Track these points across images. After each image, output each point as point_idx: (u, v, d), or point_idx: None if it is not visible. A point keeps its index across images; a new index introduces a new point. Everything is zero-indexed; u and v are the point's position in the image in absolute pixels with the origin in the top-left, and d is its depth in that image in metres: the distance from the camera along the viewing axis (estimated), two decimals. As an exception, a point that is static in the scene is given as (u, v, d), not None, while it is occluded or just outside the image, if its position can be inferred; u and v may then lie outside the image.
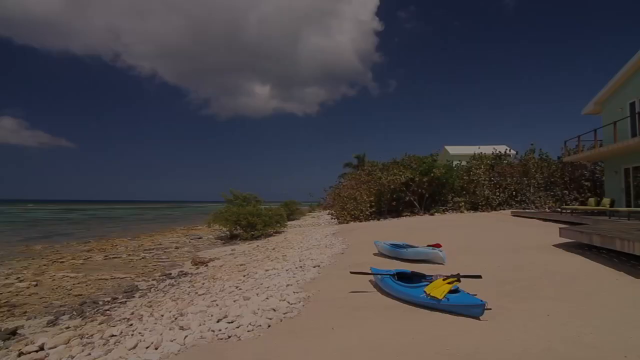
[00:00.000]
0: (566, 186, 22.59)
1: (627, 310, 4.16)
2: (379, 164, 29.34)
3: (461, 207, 23.41)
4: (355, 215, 23.36)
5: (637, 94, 15.42)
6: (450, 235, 11.58)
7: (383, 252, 8.83)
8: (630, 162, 15.68)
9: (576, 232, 7.94)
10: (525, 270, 6.32)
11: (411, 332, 3.77)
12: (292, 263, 8.94)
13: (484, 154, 27.29)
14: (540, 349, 3.19)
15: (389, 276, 5.44)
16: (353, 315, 4.50)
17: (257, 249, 14.13)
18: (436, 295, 4.34)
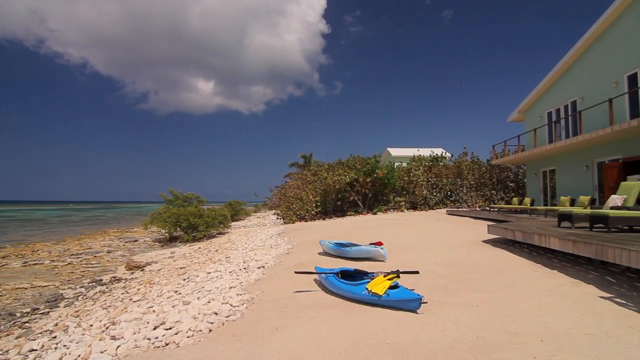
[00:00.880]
0: (494, 187, 24.61)
1: (544, 298, 4.63)
2: (324, 164, 29.69)
3: (402, 206, 24.51)
4: (301, 215, 23.44)
5: (553, 104, 17.23)
6: (391, 233, 12.05)
7: (328, 251, 8.95)
8: (547, 166, 17.47)
9: (501, 229, 8.67)
10: (458, 265, 6.77)
11: (354, 328, 3.85)
12: (235, 265, 8.72)
13: (422, 156, 28.87)
14: (470, 338, 3.42)
15: (333, 275, 5.53)
16: (297, 315, 4.50)
17: (199, 251, 13.61)
18: (377, 292, 4.49)
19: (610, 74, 13.22)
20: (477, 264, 6.72)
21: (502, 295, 4.82)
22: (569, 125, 15.87)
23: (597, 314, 3.99)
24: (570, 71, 15.82)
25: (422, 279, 5.75)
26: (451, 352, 3.15)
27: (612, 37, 13.30)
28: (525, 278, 5.65)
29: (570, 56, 15.41)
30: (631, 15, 12.34)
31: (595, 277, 5.50)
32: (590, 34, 14.09)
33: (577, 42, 14.83)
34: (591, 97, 14.16)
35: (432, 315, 4.13)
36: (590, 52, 14.50)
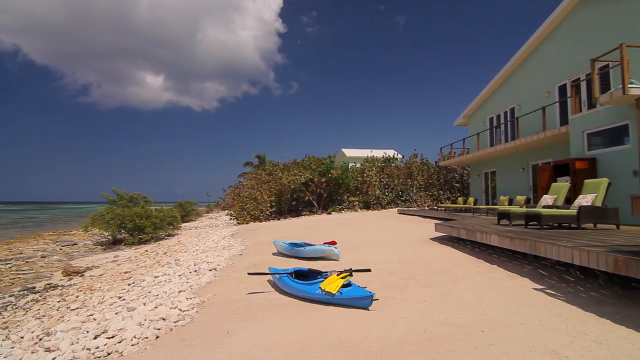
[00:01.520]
0: (441, 187, 25.88)
1: (485, 291, 4.94)
2: (280, 164, 29.51)
3: (355, 206, 25.01)
4: (256, 215, 23.11)
5: (494, 111, 18.46)
6: (345, 232, 12.25)
7: (282, 251, 8.90)
8: (489, 168, 18.68)
9: (448, 227, 9.14)
10: (408, 262, 7.03)
11: (307, 327, 3.86)
12: (185, 267, 8.40)
13: (375, 157, 29.67)
14: (418, 332, 3.57)
15: (287, 275, 5.51)
16: (250, 317, 4.42)
17: (146, 255, 12.94)
18: (330, 290, 4.54)
19: (544, 84, 14.44)
20: (425, 261, 7.02)
21: (447, 290, 5.07)
22: (508, 130, 17.10)
23: (530, 304, 4.32)
24: (509, 80, 17.06)
25: (374, 276, 5.89)
26: (400, 346, 3.26)
27: (545, 51, 14.54)
28: (469, 273, 6.00)
29: (509, 66, 16.61)
30: (561, 32, 13.56)
31: (529, 270, 5.96)
32: (526, 47, 15.30)
33: (515, 54, 16.03)
34: (527, 105, 15.38)
35: (383, 311, 4.25)
36: (527, 64, 15.74)
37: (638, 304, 4.17)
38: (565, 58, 13.26)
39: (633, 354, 2.95)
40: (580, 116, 10.64)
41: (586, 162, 9.98)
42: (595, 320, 3.74)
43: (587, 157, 10.12)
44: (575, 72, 12.64)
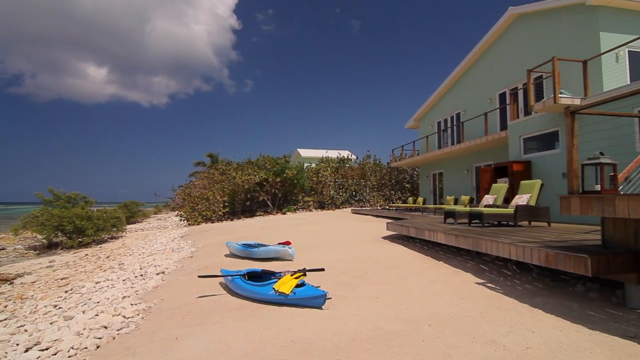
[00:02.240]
0: (393, 187, 26.75)
1: (432, 287, 5.17)
2: (233, 163, 28.88)
3: (310, 206, 25.11)
4: (207, 216, 22.43)
5: (442, 115, 19.40)
6: (299, 232, 12.25)
7: (235, 252, 8.71)
8: (437, 169, 19.59)
9: (398, 226, 9.46)
10: (361, 260, 7.18)
11: (260, 329, 3.81)
12: (130, 272, 7.95)
13: (330, 158, 29.99)
14: (369, 329, 3.65)
15: (239, 276, 5.40)
16: (200, 321, 4.28)
17: (86, 259, 12.08)
18: (284, 291, 4.51)
19: (486, 91, 15.43)
20: (377, 259, 7.21)
21: (397, 287, 5.25)
22: (454, 133, 18.06)
23: (473, 298, 4.60)
24: (456, 87, 18.03)
25: (328, 275, 5.95)
26: (352, 343, 3.32)
27: (487, 60, 15.55)
28: (417, 270, 6.25)
29: (455, 74, 17.56)
30: (501, 44, 14.58)
31: (472, 265, 6.34)
32: (470, 57, 16.26)
33: (460, 63, 16.98)
34: (471, 110, 16.34)
35: (336, 310, 4.30)
36: (471, 72, 16.74)
37: (565, 295, 4.59)
38: (505, 68, 14.27)
39: (561, 340, 3.23)
40: (518, 122, 11.49)
41: (522, 165, 10.80)
42: (529, 310, 4.06)
43: (523, 160, 10.95)
44: (513, 81, 13.64)
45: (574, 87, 9.85)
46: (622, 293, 4.26)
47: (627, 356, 2.87)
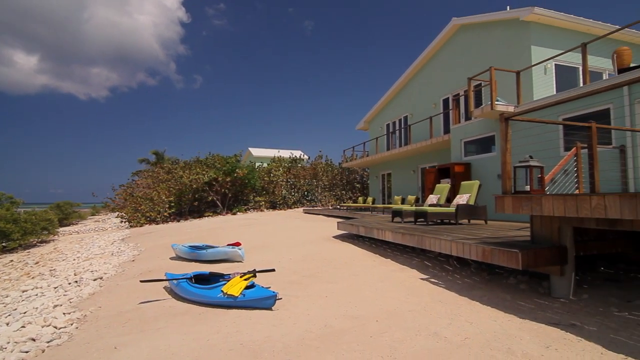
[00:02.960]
0: (344, 187, 27.21)
1: (379, 284, 5.33)
2: (180, 162, 27.71)
3: (262, 206, 24.79)
4: (152, 217, 21.33)
5: (391, 117, 20.07)
6: (250, 233, 12.05)
7: (181, 255, 8.36)
8: (385, 170, 20.23)
9: (348, 225, 9.64)
10: (311, 260, 7.22)
11: (207, 334, 3.68)
12: (64, 278, 7.34)
13: (282, 158, 29.86)
14: (319, 327, 3.68)
15: (185, 280, 5.18)
16: (142, 328, 4.04)
17: (11, 265, 10.94)
18: (233, 293, 4.41)
19: (431, 96, 16.22)
20: (328, 258, 7.29)
21: (347, 285, 5.35)
22: (402, 136, 18.78)
23: (417, 293, 4.81)
24: (404, 90, 18.75)
25: (278, 275, 5.91)
26: (302, 342, 3.33)
27: (432, 67, 16.35)
28: (366, 267, 6.41)
29: (403, 78, 18.26)
30: (445, 52, 15.41)
31: (417, 262, 6.63)
32: (417, 63, 17.00)
33: (408, 68, 17.69)
34: (418, 114, 17.10)
35: (286, 310, 4.28)
36: (418, 77, 17.50)
37: (500, 287, 4.95)
38: (448, 75, 15.11)
39: (495, 329, 3.48)
40: (459, 126, 12.22)
41: (463, 167, 11.50)
42: (467, 303, 4.32)
43: (464, 162, 11.66)
44: (456, 88, 14.48)
45: (509, 95, 10.67)
46: (547, 284, 4.68)
47: (551, 341, 3.16)
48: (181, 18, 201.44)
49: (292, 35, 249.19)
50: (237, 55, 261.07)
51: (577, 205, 3.68)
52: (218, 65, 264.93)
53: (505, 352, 2.99)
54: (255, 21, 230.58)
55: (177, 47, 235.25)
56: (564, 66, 10.99)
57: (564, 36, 11.09)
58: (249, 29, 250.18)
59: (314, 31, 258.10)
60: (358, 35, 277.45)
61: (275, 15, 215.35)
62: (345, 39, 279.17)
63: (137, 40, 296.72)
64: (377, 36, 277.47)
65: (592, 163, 5.28)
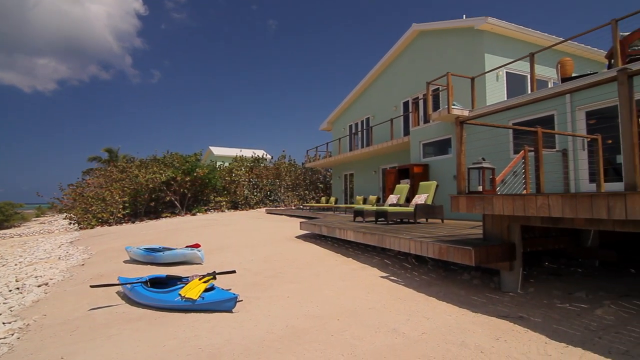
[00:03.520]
0: (307, 187, 27.27)
1: (341, 283, 5.39)
2: (136, 160, 26.50)
3: (223, 206, 24.27)
4: (104, 218, 20.24)
5: (353, 119, 20.36)
6: (210, 234, 11.75)
7: (136, 258, 7.99)
8: (348, 170, 20.50)
9: (311, 225, 9.67)
10: (274, 260, 7.16)
11: (163, 339, 3.54)
12: (3, 285, 6.77)
13: (245, 157, 29.39)
14: (280, 328, 3.66)
15: (140, 284, 4.96)
16: (92, 336, 3.82)
17: (-60, 272, 9.91)
18: (191, 296, 4.28)
19: (392, 99, 16.65)
20: (290, 258, 7.27)
21: (309, 285, 5.36)
22: (364, 137, 19.12)
23: (377, 291, 4.91)
24: (366, 92, 19.11)
25: (239, 277, 5.81)
26: (263, 344, 3.29)
27: (393, 70, 16.79)
28: (328, 267, 6.46)
29: (366, 80, 18.60)
30: (405, 56, 15.88)
31: (377, 261, 6.77)
32: (379, 66, 17.39)
33: (371, 70, 18.05)
34: (380, 116, 17.49)
35: (246, 312, 4.21)
36: (380, 80, 17.90)
37: (455, 283, 5.17)
38: (408, 79, 15.58)
39: (450, 323, 3.63)
40: (418, 129, 12.63)
41: (421, 167, 11.90)
42: (425, 299, 4.48)
43: (422, 163, 12.08)
44: (415, 92, 14.96)
45: (464, 100, 11.18)
46: (498, 279, 4.95)
47: (501, 333, 3.35)
48: (138, 10, 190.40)
49: (255, 33, 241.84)
50: (198, 51, 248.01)
51: (524, 204, 3.92)
52: (178, 60, 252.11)
53: (459, 345, 3.12)
54: (217, 17, 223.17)
55: (133, 40, 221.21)
56: (514, 74, 11.69)
57: (515, 46, 11.80)
58: (211, 24, 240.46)
59: (278, 30, 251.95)
60: (324, 34, 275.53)
61: (239, 12, 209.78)
62: (310, 37, 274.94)
63: (89, 31, 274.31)
64: (341, 38, 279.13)
65: (538, 165, 5.65)
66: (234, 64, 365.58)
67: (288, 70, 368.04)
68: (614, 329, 3.37)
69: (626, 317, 3.64)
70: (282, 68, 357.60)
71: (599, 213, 3.23)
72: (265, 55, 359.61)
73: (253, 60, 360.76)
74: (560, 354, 2.89)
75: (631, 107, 3.12)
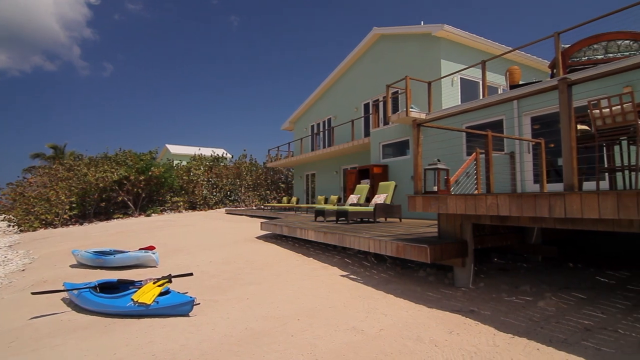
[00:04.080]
0: (269, 187, 27.01)
1: (302, 283, 5.39)
2: (84, 157, 24.96)
3: (180, 206, 23.45)
4: (48, 220, 18.89)
5: (315, 119, 20.45)
6: (166, 235, 11.32)
7: (85, 262, 7.51)
8: (310, 170, 20.55)
9: (272, 225, 9.59)
10: (233, 261, 7.02)
11: (114, 347, 3.36)
12: None
13: (204, 156, 28.58)
14: (239, 330, 3.59)
15: (88, 289, 4.67)
16: (34, 347, 3.54)
17: None
18: (145, 301, 4.09)
19: (353, 100, 16.91)
20: (250, 259, 7.17)
21: (269, 286, 5.31)
22: (326, 137, 19.26)
23: (338, 290, 4.96)
24: (328, 93, 19.26)
25: (197, 280, 5.65)
26: (221, 348, 3.21)
27: (355, 72, 17.06)
28: (289, 267, 6.44)
29: (328, 81, 18.75)
30: (366, 59, 16.19)
31: (338, 260, 6.85)
32: (341, 67, 17.60)
33: (333, 71, 18.21)
34: (341, 117, 17.69)
35: (204, 315, 4.10)
36: (341, 81, 18.11)
37: (412, 280, 5.35)
38: (369, 81, 15.90)
39: (407, 319, 3.75)
40: (378, 130, 12.92)
41: (381, 168, 12.18)
42: (383, 296, 4.59)
43: (382, 164, 12.37)
44: (376, 94, 15.29)
45: (422, 103, 11.59)
46: (451, 275, 5.18)
47: (454, 326, 3.50)
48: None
49: (216, 29, 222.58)
50: (154, 44, 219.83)
51: (475, 204, 4.13)
52: (132, 53, 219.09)
53: (415, 339, 3.23)
54: (175, 10, 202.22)
55: (82, 30, 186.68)
56: (468, 80, 12.29)
57: (469, 53, 12.41)
58: (168, 17, 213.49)
59: (240, 27, 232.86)
60: (286, 33, 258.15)
61: (199, 7, 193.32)
62: (272, 36, 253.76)
63: (31, 17, 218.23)
64: (304, 36, 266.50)
65: (488, 167, 5.98)
66: (193, 59, 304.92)
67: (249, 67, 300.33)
68: (554, 319, 3.63)
69: (565, 308, 3.94)
70: (245, 65, 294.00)
71: (541, 211, 3.47)
72: (226, 52, 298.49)
73: (214, 56, 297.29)
74: (507, 344, 3.07)
75: (570, 114, 3.38)
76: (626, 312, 3.76)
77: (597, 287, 4.74)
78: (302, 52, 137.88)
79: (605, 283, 4.94)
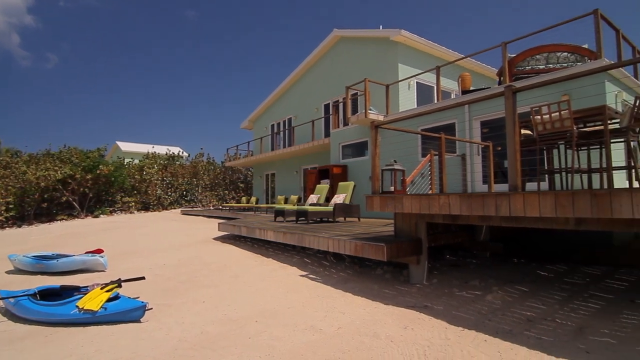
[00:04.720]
0: (227, 187, 26.45)
1: (260, 284, 5.33)
2: (23, 155, 23.07)
3: (131, 207, 22.34)
4: (-20, 222, 17.19)
5: (276, 118, 20.30)
6: (116, 238, 10.73)
7: (23, 267, 6.93)
8: (270, 170, 20.37)
9: (230, 226, 9.40)
10: (188, 264, 6.80)
11: (56, 358, 3.13)
12: None
13: (158, 154, 27.41)
14: (195, 335, 3.48)
15: (27, 297, 4.31)
16: (-41, 362, 3.21)
17: None
18: (91, 308, 3.85)
19: (314, 101, 16.98)
20: (207, 261, 6.97)
21: (227, 288, 5.19)
22: (286, 137, 19.18)
23: (297, 290, 4.96)
24: (289, 92, 19.18)
25: (150, 283, 5.40)
26: (175, 353, 3.10)
27: (315, 72, 17.14)
28: (247, 268, 6.34)
29: (289, 80, 18.68)
30: (327, 59, 16.33)
31: (297, 260, 6.84)
32: (302, 67, 17.60)
33: (293, 70, 18.17)
34: (302, 117, 17.69)
35: (157, 320, 3.93)
36: (302, 81, 18.12)
37: (369, 278, 5.46)
38: (329, 81, 16.04)
39: (364, 316, 3.82)
40: (338, 131, 13.08)
41: (340, 168, 12.34)
42: (341, 295, 4.65)
43: (341, 164, 12.53)
44: (336, 95, 15.46)
45: (380, 105, 11.87)
46: (407, 272, 5.35)
47: (409, 322, 3.62)
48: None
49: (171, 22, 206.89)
50: (103, 35, 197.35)
51: (429, 203, 4.30)
52: (79, 44, 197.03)
53: (372, 336, 3.30)
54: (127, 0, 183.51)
55: (22, 17, 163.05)
56: (423, 84, 12.76)
57: (424, 58, 12.89)
58: (119, 7, 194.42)
59: (198, 21, 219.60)
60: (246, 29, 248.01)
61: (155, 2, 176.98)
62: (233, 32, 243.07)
63: None
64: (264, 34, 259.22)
65: (442, 168, 6.24)
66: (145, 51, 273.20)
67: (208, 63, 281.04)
68: (501, 311, 3.87)
69: (510, 301, 4.21)
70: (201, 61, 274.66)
71: (489, 210, 3.68)
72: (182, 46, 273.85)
73: (168, 49, 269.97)
74: (458, 337, 3.23)
75: (514, 119, 3.62)
76: (563, 303, 4.09)
77: (538, 281, 5.11)
78: (268, 46, 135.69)
79: (545, 276, 5.34)
